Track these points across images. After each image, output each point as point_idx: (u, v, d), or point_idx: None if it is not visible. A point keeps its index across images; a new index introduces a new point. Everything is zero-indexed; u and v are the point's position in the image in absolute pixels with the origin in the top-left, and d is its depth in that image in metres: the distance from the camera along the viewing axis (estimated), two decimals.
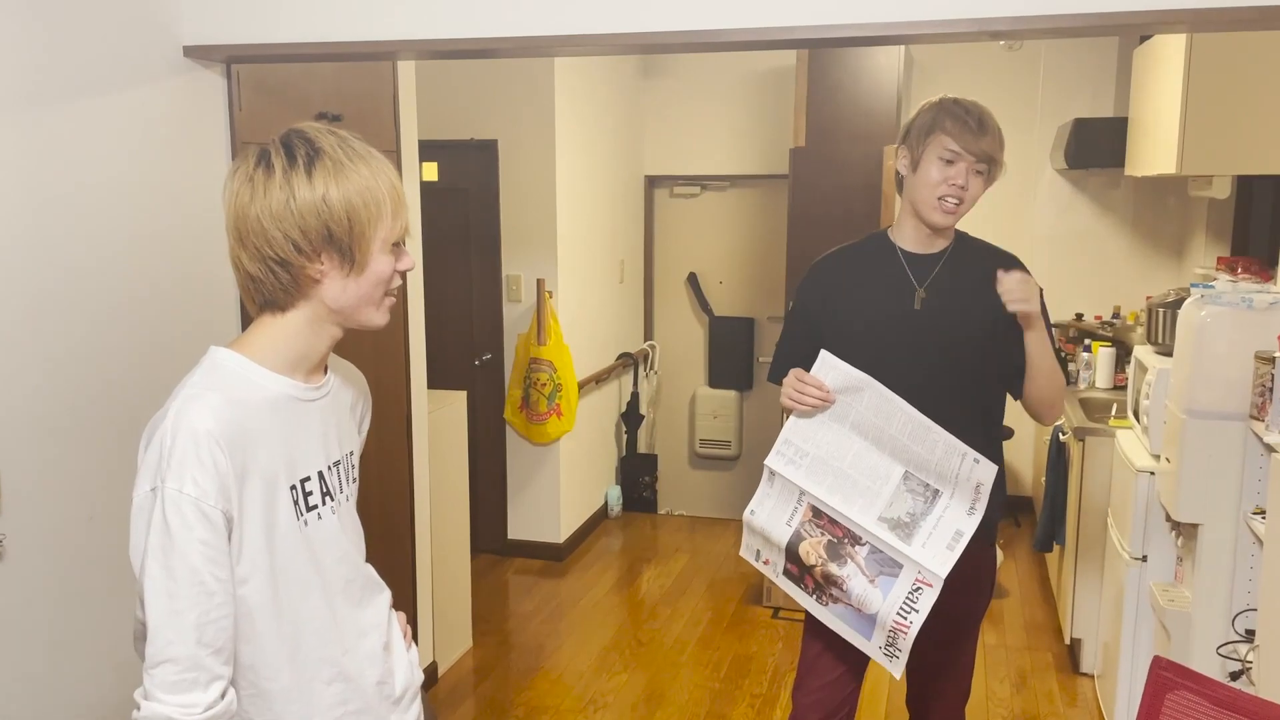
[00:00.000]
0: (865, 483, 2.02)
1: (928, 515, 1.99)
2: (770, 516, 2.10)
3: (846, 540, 2.02)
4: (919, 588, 1.96)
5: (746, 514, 2.13)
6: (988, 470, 1.98)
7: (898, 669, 2.01)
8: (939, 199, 2.07)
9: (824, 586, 2.06)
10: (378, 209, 1.33)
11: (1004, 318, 2.15)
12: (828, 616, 2.08)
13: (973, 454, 1.98)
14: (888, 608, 1.98)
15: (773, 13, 2.00)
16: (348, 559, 1.45)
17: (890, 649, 2.01)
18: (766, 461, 2.09)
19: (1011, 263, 2.20)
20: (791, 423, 2.08)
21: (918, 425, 1.99)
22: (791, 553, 2.07)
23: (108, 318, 2.07)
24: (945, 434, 1.98)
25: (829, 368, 2.05)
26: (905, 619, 1.97)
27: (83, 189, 2.00)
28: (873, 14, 1.96)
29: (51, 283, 1.94)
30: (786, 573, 2.11)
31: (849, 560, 2.01)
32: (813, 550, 2.04)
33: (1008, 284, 2.05)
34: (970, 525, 1.98)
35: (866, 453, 2.02)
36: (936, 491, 1.99)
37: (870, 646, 2.04)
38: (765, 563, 2.14)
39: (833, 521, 2.03)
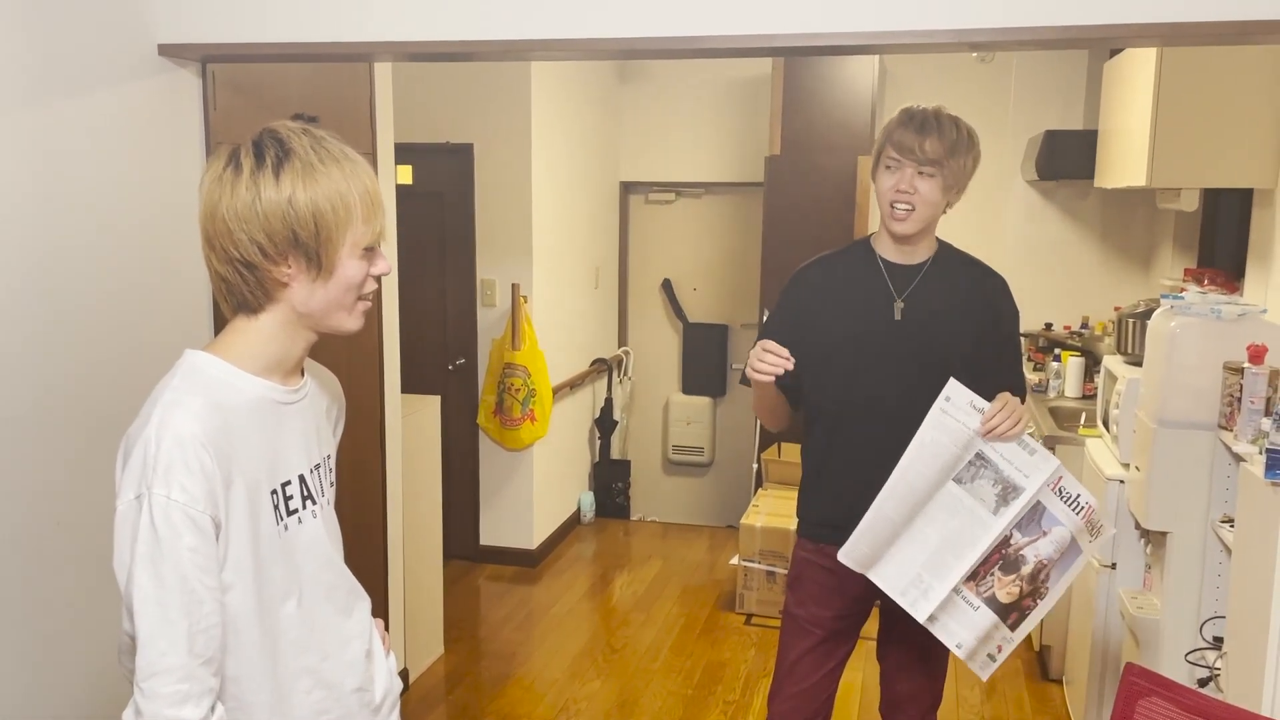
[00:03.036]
0: (955, 522, 2.01)
1: (999, 466, 2.01)
2: (965, 625, 2.04)
3: (1003, 549, 2.02)
4: (1060, 488, 2.02)
5: (958, 653, 2.05)
6: (954, 387, 2.00)
7: (1110, 528, 2.12)
8: (890, 206, 2.10)
9: (1037, 588, 2.04)
10: (347, 213, 1.31)
11: (984, 331, 2.17)
12: (1057, 593, 2.06)
13: (939, 400, 1.99)
14: (1070, 523, 2.02)
15: (752, 20, 2.01)
16: (332, 564, 1.44)
17: (1094, 531, 2.06)
18: (916, 618, 2.04)
19: (993, 280, 2.22)
20: (883, 582, 2.06)
21: (919, 453, 2.00)
22: (1001, 611, 2.03)
23: (78, 318, 2.04)
24: (924, 427, 1.99)
25: (855, 547, 2.05)
26: (1080, 507, 2.02)
27: (56, 188, 1.97)
28: (852, 23, 1.98)
29: (22, 282, 1.91)
30: (1014, 626, 2.06)
31: (1022, 553, 2.02)
32: (1008, 587, 2.03)
33: (997, 423, 1.98)
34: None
35: (931, 515, 2.02)
36: (979, 454, 2.01)
37: (1086, 555, 2.08)
38: (999, 649, 2.08)
39: (984, 562, 2.02)
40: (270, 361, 1.36)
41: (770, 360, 2.01)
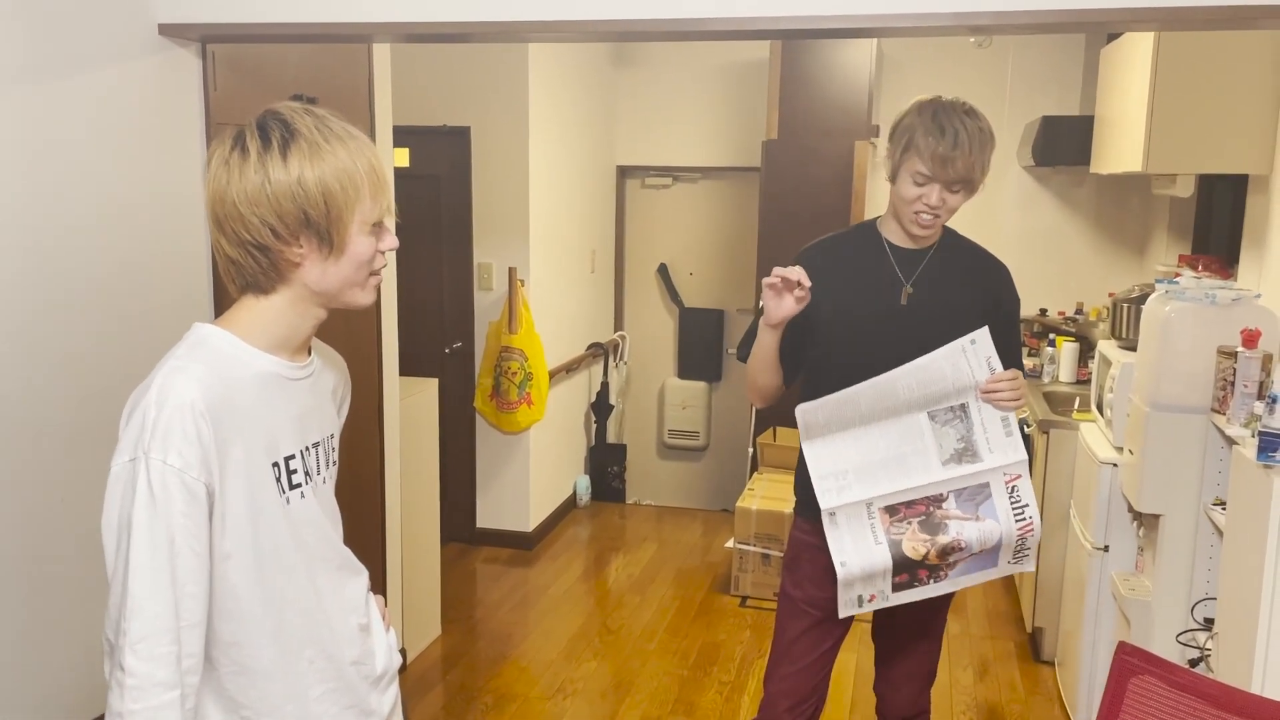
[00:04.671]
0: (908, 449, 2.03)
1: (972, 428, 2.02)
2: (858, 551, 2.04)
3: (932, 507, 2.03)
4: (1013, 485, 2.02)
5: (839, 571, 2.05)
6: (983, 335, 2.01)
7: (1030, 564, 2.08)
8: (914, 213, 2.07)
9: (940, 565, 2.04)
10: (355, 191, 1.32)
11: (986, 318, 2.18)
12: (950, 585, 2.07)
13: (965, 339, 2.01)
14: (1006, 526, 2.02)
15: (750, 2, 2.01)
16: (327, 539, 1.45)
17: (1019, 554, 2.05)
18: (823, 507, 2.05)
19: (996, 268, 2.23)
20: (812, 459, 2.06)
21: (917, 371, 2.01)
22: (899, 563, 2.03)
23: (79, 298, 2.04)
24: (939, 352, 2.01)
25: (813, 410, 2.06)
26: (1024, 518, 2.02)
27: (55, 167, 1.97)
28: (851, 6, 1.98)
29: (22, 263, 1.91)
30: (897, 588, 2.06)
31: (948, 521, 2.02)
32: (915, 542, 2.03)
33: (1001, 388, 2.00)
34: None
35: (889, 429, 2.03)
36: (963, 406, 2.02)
37: (999, 570, 2.07)
38: (871, 599, 2.07)
39: (909, 505, 2.03)
40: (279, 338, 1.37)
41: (784, 279, 2.02)
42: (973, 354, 2.01)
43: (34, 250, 1.93)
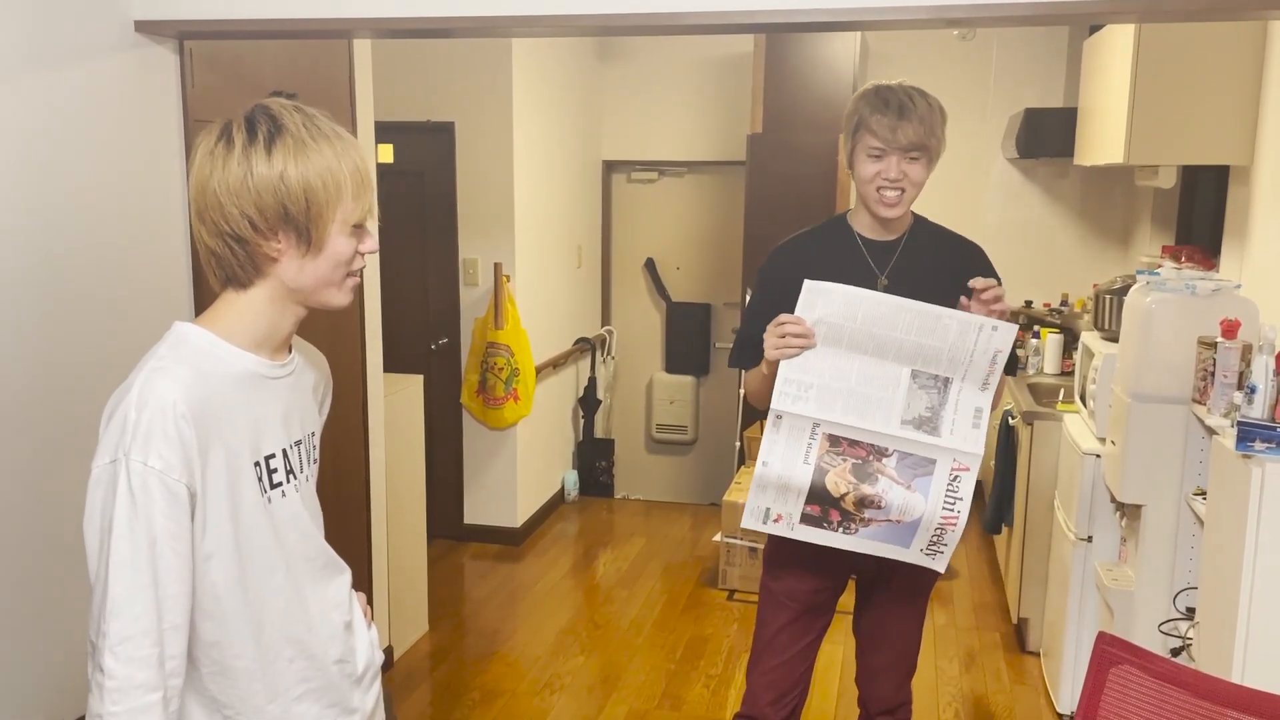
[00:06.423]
0: (877, 394, 2.00)
1: (945, 404, 2.00)
2: (785, 460, 2.02)
3: (872, 457, 2.01)
4: (957, 475, 1.99)
5: (759, 468, 2.01)
6: (1008, 333, 1.98)
7: (941, 564, 2.04)
8: (877, 191, 2.07)
9: (854, 514, 2.02)
10: (337, 190, 1.32)
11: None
12: (856, 543, 2.04)
13: (991, 322, 1.98)
14: (932, 506, 1.99)
15: None
16: (310, 538, 1.45)
17: (933, 547, 2.01)
18: (773, 405, 2.01)
19: (971, 250, 2.23)
20: (785, 363, 2.02)
21: (927, 317, 1.98)
22: (816, 491, 2.01)
23: (56, 296, 2.03)
24: (958, 314, 1.98)
25: (819, 293, 1.98)
26: (952, 510, 1.99)
27: (30, 166, 1.95)
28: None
29: None
30: (805, 518, 2.03)
31: (879, 475, 2.00)
32: (840, 479, 2.00)
33: (988, 297, 2.00)
34: (986, 400, 2.01)
35: (869, 365, 2.00)
36: (947, 380, 2.00)
37: (909, 553, 2.03)
38: (777, 520, 2.04)
39: (853, 444, 2.00)
40: (259, 336, 1.37)
41: (795, 338, 1.99)
42: (985, 339, 1.97)
43: (8, 246, 1.92)
